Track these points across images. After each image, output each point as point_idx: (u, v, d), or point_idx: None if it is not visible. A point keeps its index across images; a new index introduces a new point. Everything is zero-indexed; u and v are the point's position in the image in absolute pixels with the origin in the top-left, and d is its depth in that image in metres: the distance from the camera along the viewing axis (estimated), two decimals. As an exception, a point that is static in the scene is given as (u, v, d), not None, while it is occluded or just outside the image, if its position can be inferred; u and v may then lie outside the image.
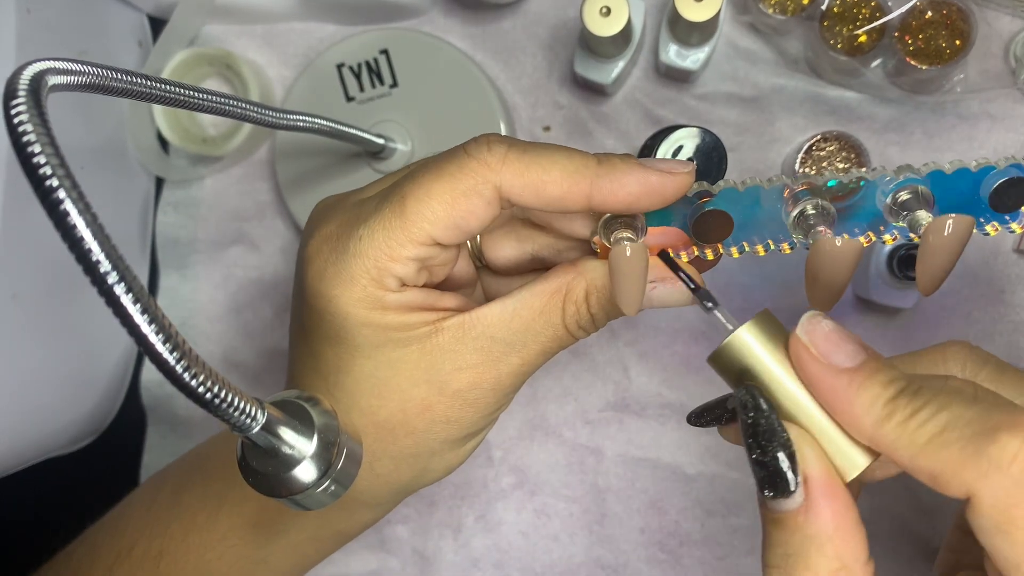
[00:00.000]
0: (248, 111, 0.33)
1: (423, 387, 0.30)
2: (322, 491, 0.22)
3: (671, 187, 0.28)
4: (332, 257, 0.29)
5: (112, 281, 0.17)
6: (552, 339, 0.30)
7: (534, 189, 0.28)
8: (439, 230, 0.28)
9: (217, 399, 0.19)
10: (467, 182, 0.28)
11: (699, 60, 0.46)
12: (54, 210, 0.17)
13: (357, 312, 0.29)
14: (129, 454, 0.55)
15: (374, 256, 0.28)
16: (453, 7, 0.51)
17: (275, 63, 0.53)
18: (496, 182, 0.28)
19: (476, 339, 0.29)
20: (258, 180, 0.53)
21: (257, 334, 0.54)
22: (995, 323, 0.46)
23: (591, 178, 0.28)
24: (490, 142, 0.28)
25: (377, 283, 0.29)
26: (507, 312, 0.29)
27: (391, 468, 0.31)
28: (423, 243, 0.28)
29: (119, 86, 0.23)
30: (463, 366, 0.29)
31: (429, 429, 0.30)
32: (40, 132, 0.17)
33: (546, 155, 0.28)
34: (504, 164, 0.28)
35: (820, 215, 0.28)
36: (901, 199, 0.27)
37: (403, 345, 0.29)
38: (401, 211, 0.28)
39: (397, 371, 0.29)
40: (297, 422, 0.22)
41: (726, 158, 0.41)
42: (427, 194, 0.28)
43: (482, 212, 0.28)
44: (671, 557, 0.50)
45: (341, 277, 0.29)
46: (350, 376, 0.30)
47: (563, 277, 0.30)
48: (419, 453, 0.31)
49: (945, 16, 0.44)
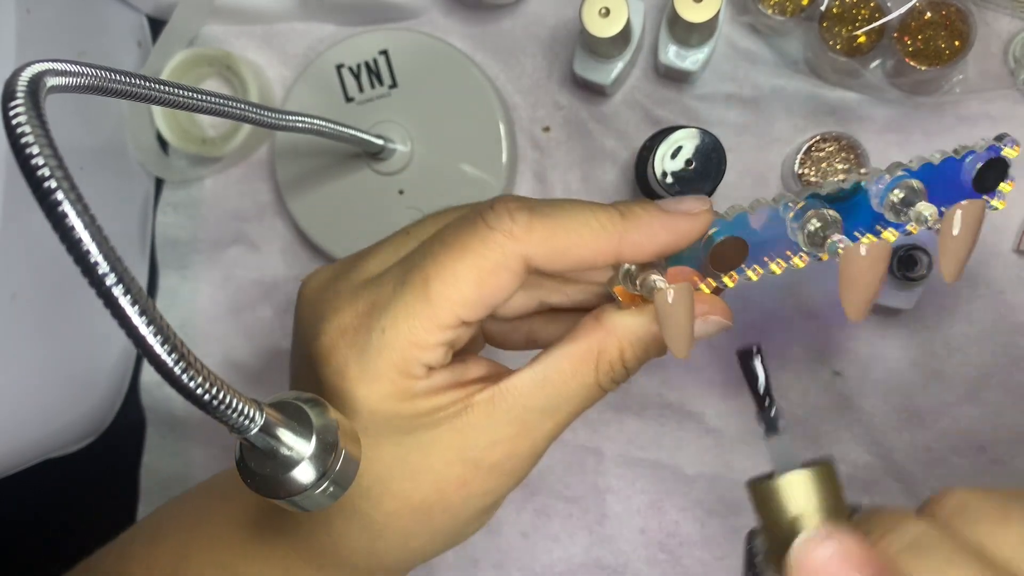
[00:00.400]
0: (247, 112, 0.33)
1: (458, 466, 0.28)
2: (320, 492, 0.22)
3: (696, 228, 0.27)
4: (352, 353, 0.27)
5: (110, 283, 0.17)
6: (586, 399, 0.29)
7: (562, 254, 0.27)
8: (467, 311, 0.27)
9: (215, 401, 0.19)
10: (493, 258, 0.26)
11: (699, 61, 0.46)
12: (52, 212, 0.17)
13: (384, 407, 0.27)
14: (128, 454, 0.55)
15: (400, 348, 0.27)
16: (453, 7, 0.51)
17: (274, 63, 0.53)
18: (523, 254, 0.26)
19: (508, 411, 0.28)
20: (258, 181, 0.53)
21: (257, 334, 0.54)
22: (996, 323, 0.46)
23: (619, 235, 0.27)
24: (511, 211, 0.27)
25: (405, 375, 0.27)
26: (537, 380, 0.28)
27: (426, 543, 0.30)
28: (451, 327, 0.27)
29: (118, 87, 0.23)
30: (497, 440, 0.28)
31: (466, 503, 0.29)
32: (38, 134, 0.17)
33: (570, 216, 0.27)
34: (530, 234, 0.26)
35: (827, 225, 0.27)
36: (899, 197, 0.28)
37: (433, 427, 0.28)
38: (425, 296, 0.26)
39: (429, 453, 0.28)
40: (295, 423, 0.22)
41: (725, 159, 0.41)
42: (453, 276, 0.26)
43: (510, 285, 0.27)
44: (671, 557, 0.50)
45: (366, 375, 0.27)
46: (380, 463, 0.28)
47: (592, 337, 0.28)
48: (455, 526, 0.30)
49: (944, 17, 0.44)
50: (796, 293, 0.48)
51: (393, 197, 0.49)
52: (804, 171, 0.46)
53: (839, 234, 0.27)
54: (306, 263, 0.53)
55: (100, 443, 0.53)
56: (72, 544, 0.39)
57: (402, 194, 0.49)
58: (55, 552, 0.40)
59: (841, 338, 0.48)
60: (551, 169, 0.50)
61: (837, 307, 0.48)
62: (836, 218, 0.28)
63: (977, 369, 0.47)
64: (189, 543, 0.35)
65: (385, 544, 0.30)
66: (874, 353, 0.48)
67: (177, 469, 0.55)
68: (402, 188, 0.49)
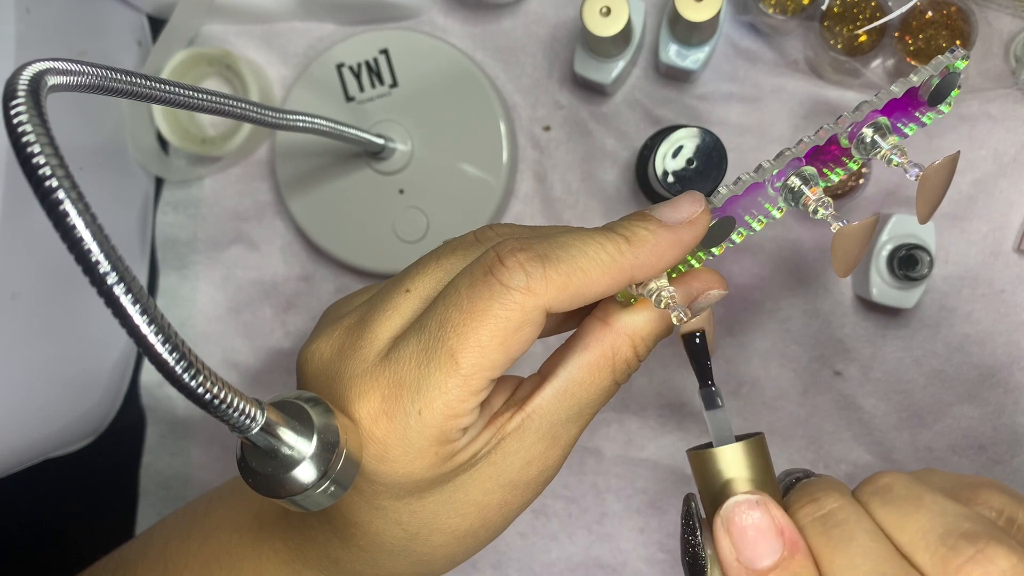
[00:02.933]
0: (248, 111, 0.33)
1: (498, 493, 0.29)
2: (321, 492, 0.22)
3: (700, 232, 0.28)
4: (392, 439, 0.27)
5: (111, 282, 0.17)
6: (606, 398, 0.29)
7: (579, 296, 0.27)
8: (497, 372, 0.27)
9: (216, 400, 0.19)
10: (516, 319, 0.26)
11: (699, 60, 0.46)
12: (53, 210, 0.17)
13: (429, 475, 0.27)
14: (129, 454, 0.55)
15: (438, 424, 0.26)
16: (453, 7, 0.51)
17: (275, 63, 0.53)
18: (543, 306, 0.26)
19: (538, 430, 0.28)
20: (258, 180, 0.53)
21: (257, 334, 0.54)
22: (996, 323, 0.46)
23: (630, 263, 0.27)
24: (522, 264, 0.26)
25: (445, 443, 0.27)
26: (559, 393, 0.28)
27: (469, 554, 0.31)
28: (483, 389, 0.27)
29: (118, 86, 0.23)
30: (531, 459, 0.29)
31: (506, 519, 0.30)
32: (40, 132, 0.17)
33: (580, 254, 0.27)
34: (547, 285, 0.26)
35: (805, 181, 0.29)
36: (868, 138, 0.29)
37: (471, 467, 0.28)
38: (455, 370, 0.26)
39: (470, 490, 0.29)
40: (296, 423, 0.22)
41: (726, 158, 0.41)
42: (479, 346, 0.26)
43: (533, 336, 0.27)
44: (670, 557, 0.50)
45: (408, 455, 0.27)
46: (425, 511, 0.29)
47: (604, 341, 0.28)
48: (494, 537, 0.31)
49: (945, 16, 0.44)
50: (796, 292, 0.48)
51: (393, 196, 0.49)
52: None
53: (818, 189, 0.29)
54: (306, 263, 0.53)
55: (100, 443, 0.53)
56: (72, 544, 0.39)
57: (402, 193, 0.49)
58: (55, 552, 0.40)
59: (841, 338, 0.48)
60: (551, 169, 0.50)
61: (838, 309, 0.48)
62: (813, 174, 0.29)
63: (977, 369, 0.47)
64: None
65: (431, 568, 0.31)
66: (874, 353, 0.48)
67: (177, 469, 0.55)
68: (402, 187, 0.49)
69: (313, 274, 0.53)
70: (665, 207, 0.28)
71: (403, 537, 0.29)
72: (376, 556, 0.30)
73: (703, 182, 0.41)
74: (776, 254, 0.48)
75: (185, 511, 0.39)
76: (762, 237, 0.48)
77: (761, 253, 0.48)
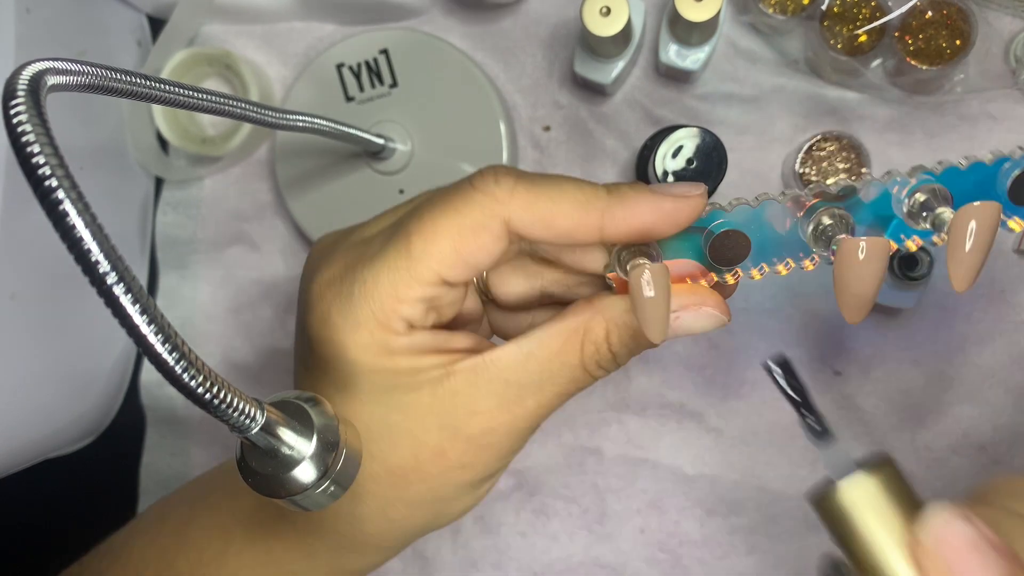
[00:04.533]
0: (248, 111, 0.33)
1: (435, 432, 0.28)
2: (321, 492, 0.22)
3: (685, 211, 0.27)
4: (336, 302, 0.28)
5: (111, 281, 0.17)
6: (570, 380, 0.29)
7: (544, 222, 0.27)
8: (447, 268, 0.27)
9: (216, 400, 0.19)
10: (474, 217, 0.27)
11: (699, 60, 0.46)
12: (53, 210, 0.17)
13: (364, 358, 0.28)
14: (129, 454, 0.55)
15: (380, 299, 0.27)
16: (453, 7, 0.51)
17: (275, 63, 0.53)
18: (504, 216, 0.27)
19: (490, 382, 0.28)
20: (258, 180, 0.53)
21: (257, 334, 0.54)
22: (996, 323, 0.46)
23: (602, 208, 0.27)
24: (497, 174, 0.27)
25: (384, 327, 0.27)
26: (522, 354, 0.28)
27: (405, 514, 0.30)
28: (431, 283, 0.27)
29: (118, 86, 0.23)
30: (477, 410, 0.28)
31: (443, 475, 0.29)
32: (39, 132, 0.17)
33: (555, 187, 0.27)
34: (512, 197, 0.27)
35: (839, 224, 0.27)
36: (919, 200, 0.26)
37: (414, 389, 0.28)
38: (407, 251, 0.27)
39: (408, 416, 0.28)
40: (296, 423, 0.22)
41: (726, 158, 0.41)
42: (433, 232, 0.27)
43: (491, 247, 0.27)
44: (671, 557, 0.50)
45: (347, 323, 0.28)
46: (359, 422, 0.28)
47: (580, 316, 0.28)
48: (434, 499, 0.30)
49: (945, 16, 0.44)
50: (796, 292, 0.48)
51: (393, 197, 0.49)
52: (805, 170, 0.46)
53: (847, 234, 0.26)
54: (306, 263, 0.53)
55: (100, 443, 0.53)
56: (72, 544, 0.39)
57: (402, 193, 0.49)
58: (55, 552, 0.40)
59: (841, 338, 0.48)
60: (551, 169, 0.50)
61: (832, 308, 0.48)
62: (850, 220, 0.27)
63: (977, 369, 0.47)
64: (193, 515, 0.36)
65: (366, 510, 0.30)
66: (874, 353, 0.48)
67: (177, 469, 0.55)
68: (402, 188, 0.49)
69: (313, 274, 0.53)
70: (663, 184, 0.28)
71: None
72: None
73: (703, 182, 0.41)
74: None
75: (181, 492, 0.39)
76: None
77: (761, 253, 0.48)
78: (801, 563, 0.49)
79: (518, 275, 0.32)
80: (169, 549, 0.36)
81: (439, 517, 0.31)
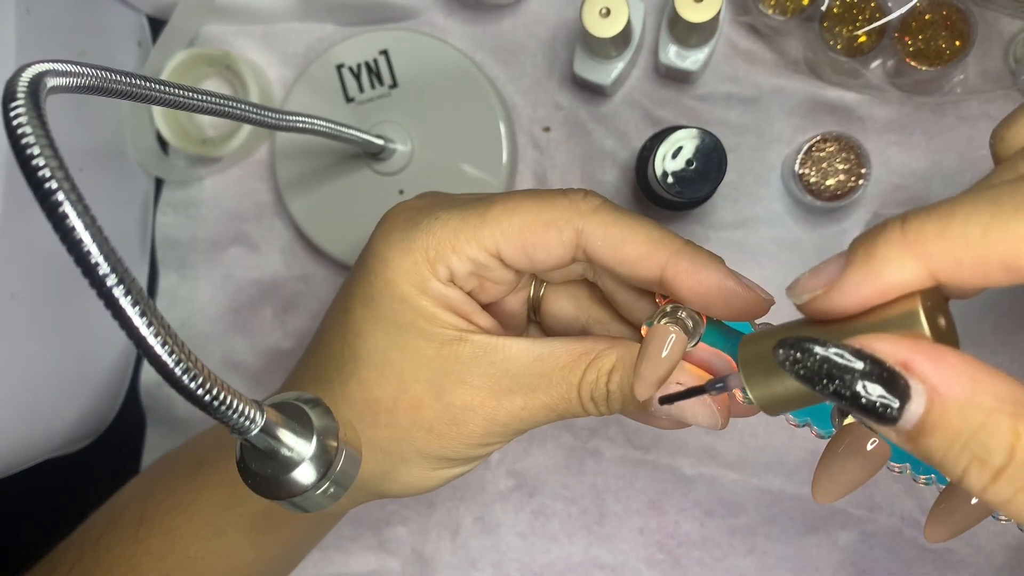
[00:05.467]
0: (247, 112, 0.33)
1: (422, 385, 0.29)
2: (321, 493, 0.22)
3: (743, 301, 0.26)
4: (404, 225, 0.30)
5: (111, 283, 0.17)
6: (561, 397, 0.29)
7: (612, 245, 0.28)
8: (507, 246, 0.29)
9: (216, 401, 0.19)
10: (551, 214, 0.28)
11: (699, 61, 0.46)
12: (53, 212, 0.17)
13: (399, 282, 0.29)
14: (129, 455, 0.55)
15: (440, 238, 0.29)
16: (453, 7, 0.51)
17: (275, 63, 0.53)
18: (578, 225, 0.28)
19: (491, 364, 0.29)
20: (257, 181, 0.53)
21: (256, 334, 0.54)
22: (996, 322, 0.46)
23: (670, 253, 0.27)
24: (588, 192, 0.29)
25: (430, 264, 0.29)
26: (532, 353, 0.29)
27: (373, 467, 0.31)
28: (487, 250, 0.29)
29: (118, 88, 0.23)
30: (467, 383, 0.29)
31: (409, 430, 0.30)
32: (39, 134, 0.17)
33: (635, 219, 0.28)
34: (593, 213, 0.28)
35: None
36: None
37: (424, 338, 0.29)
38: (483, 213, 0.29)
39: (406, 358, 0.30)
40: (296, 424, 0.22)
41: (726, 158, 0.41)
42: (512, 209, 0.29)
43: (553, 248, 0.28)
44: (670, 557, 0.50)
45: (402, 245, 0.29)
46: (367, 343, 0.30)
47: (597, 344, 0.29)
48: (390, 450, 0.31)
49: (945, 17, 0.44)
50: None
51: (393, 197, 0.49)
52: (804, 171, 0.46)
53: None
54: (306, 263, 0.53)
55: (100, 443, 0.53)
56: (72, 544, 0.39)
57: (402, 194, 0.49)
58: (55, 552, 0.40)
59: (841, 338, 0.48)
60: (551, 169, 0.50)
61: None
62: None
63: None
64: (180, 452, 0.39)
65: None
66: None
67: (177, 469, 0.55)
68: (402, 188, 0.49)
69: (313, 274, 0.53)
70: (741, 275, 0.28)
71: (339, 347, 0.31)
72: None
73: (703, 183, 0.41)
74: (776, 255, 0.48)
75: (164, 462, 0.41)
76: (762, 237, 0.48)
77: (761, 254, 0.48)
78: (801, 563, 0.49)
79: (570, 302, 0.33)
80: (152, 480, 0.39)
81: (386, 478, 0.31)
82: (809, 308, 0.21)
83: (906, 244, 0.19)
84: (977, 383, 0.18)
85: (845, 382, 0.18)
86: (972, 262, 0.19)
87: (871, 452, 0.25)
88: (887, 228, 0.20)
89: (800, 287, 0.21)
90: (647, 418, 0.30)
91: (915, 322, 0.19)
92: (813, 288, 0.21)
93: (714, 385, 0.25)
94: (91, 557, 0.37)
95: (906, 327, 0.20)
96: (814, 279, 0.21)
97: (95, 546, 0.37)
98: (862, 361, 0.18)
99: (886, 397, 0.18)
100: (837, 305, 0.20)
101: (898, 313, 0.20)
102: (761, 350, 0.22)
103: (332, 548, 0.52)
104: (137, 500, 0.38)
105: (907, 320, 0.20)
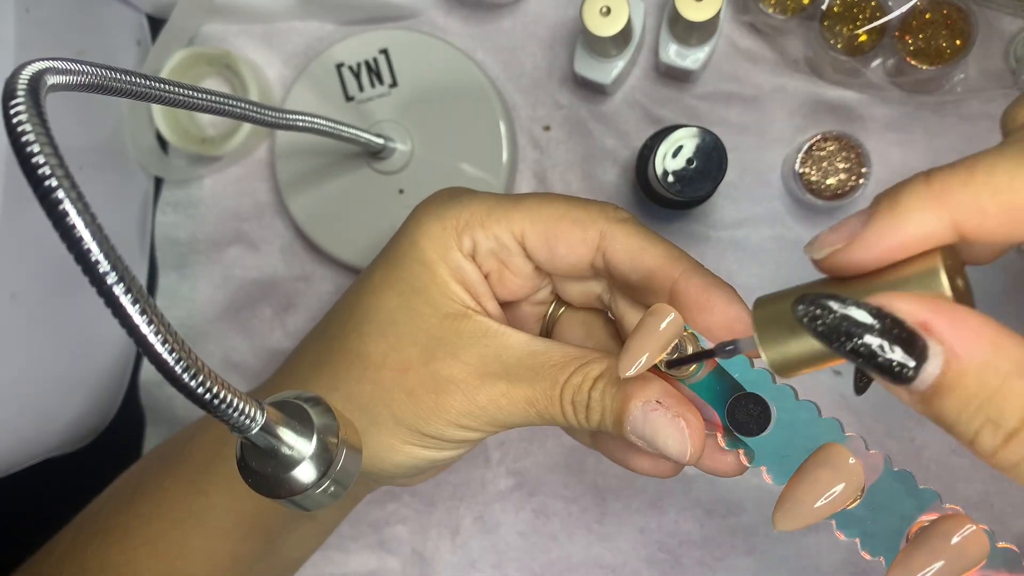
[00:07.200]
0: (247, 111, 0.33)
1: (415, 349, 0.30)
2: (321, 492, 0.22)
3: (750, 326, 0.26)
4: (445, 197, 0.31)
5: (111, 281, 0.17)
6: (543, 393, 0.29)
7: (632, 253, 0.29)
8: (533, 234, 0.30)
9: (216, 400, 0.19)
10: (580, 215, 0.30)
11: (699, 60, 0.46)
12: (53, 210, 0.17)
13: (424, 246, 0.30)
14: (129, 454, 0.55)
15: (471, 211, 0.30)
16: (453, 7, 0.51)
17: (274, 63, 0.53)
18: (603, 228, 0.29)
19: (486, 347, 0.30)
20: (257, 180, 0.53)
21: (256, 334, 0.54)
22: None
23: (687, 268, 0.28)
24: (620, 208, 0.30)
25: (456, 233, 0.30)
26: (528, 347, 0.30)
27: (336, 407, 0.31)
28: (513, 235, 0.30)
29: (118, 86, 0.23)
30: (458, 357, 0.30)
31: (390, 390, 0.30)
32: (39, 132, 0.17)
33: (657, 236, 0.30)
34: (620, 223, 0.29)
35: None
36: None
37: (432, 305, 0.30)
38: (519, 202, 0.30)
39: (410, 320, 0.30)
40: (296, 423, 0.22)
41: (726, 158, 0.41)
42: (545, 202, 0.30)
43: (576, 245, 0.30)
44: (670, 557, 0.50)
45: (437, 212, 0.31)
46: (379, 299, 0.31)
47: (593, 352, 0.30)
48: (367, 408, 0.31)
49: (945, 16, 0.44)
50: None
51: (393, 196, 0.49)
52: (805, 170, 0.46)
53: None
54: (306, 263, 0.53)
55: (100, 443, 0.53)
56: (72, 544, 0.39)
57: (402, 193, 0.49)
58: (55, 552, 0.40)
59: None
60: (551, 168, 0.50)
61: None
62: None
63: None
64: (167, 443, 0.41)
65: (315, 374, 0.33)
66: (874, 353, 0.48)
67: (177, 469, 0.55)
68: (402, 187, 0.49)
69: (313, 274, 0.53)
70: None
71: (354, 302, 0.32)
72: None
73: (703, 182, 0.41)
74: (776, 254, 0.48)
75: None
76: (762, 236, 0.48)
77: (761, 253, 0.48)
78: (801, 563, 0.49)
79: (583, 329, 0.34)
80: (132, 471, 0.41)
81: (366, 459, 0.31)
82: (828, 263, 0.21)
83: (931, 194, 0.19)
84: (997, 347, 0.18)
85: (863, 341, 0.18)
86: (997, 210, 0.19)
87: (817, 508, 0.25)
88: (912, 180, 0.20)
89: (820, 242, 0.21)
90: (620, 448, 0.31)
91: (935, 280, 0.19)
92: (833, 242, 0.21)
93: (724, 348, 0.25)
94: (90, 526, 0.39)
95: (925, 286, 0.20)
96: (835, 234, 0.21)
97: (95, 517, 0.39)
98: (880, 320, 0.18)
99: (903, 357, 0.18)
100: (857, 259, 0.20)
101: (917, 272, 0.20)
102: (775, 311, 0.22)
103: (332, 547, 0.52)
104: (135, 472, 0.40)
105: (927, 278, 0.20)
